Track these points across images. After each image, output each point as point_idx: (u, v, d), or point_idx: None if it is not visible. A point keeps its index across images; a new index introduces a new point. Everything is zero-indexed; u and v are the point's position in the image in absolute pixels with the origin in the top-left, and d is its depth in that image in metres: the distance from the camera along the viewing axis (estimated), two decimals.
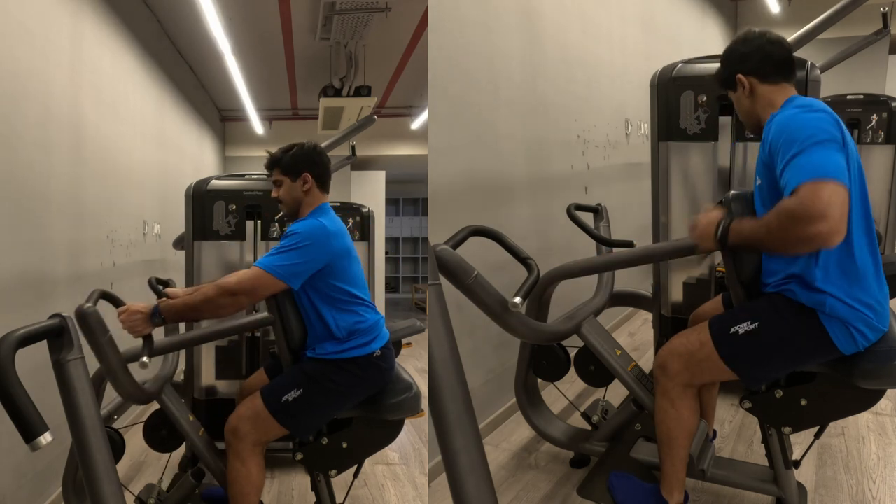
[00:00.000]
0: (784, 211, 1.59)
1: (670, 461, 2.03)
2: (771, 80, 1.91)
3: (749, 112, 1.97)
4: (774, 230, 1.62)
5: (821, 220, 1.52)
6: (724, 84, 2.02)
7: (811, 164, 1.59)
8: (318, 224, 2.11)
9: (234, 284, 1.99)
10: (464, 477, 1.54)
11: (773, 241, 1.65)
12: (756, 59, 1.92)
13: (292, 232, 2.09)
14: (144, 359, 1.99)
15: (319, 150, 2.26)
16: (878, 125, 4.08)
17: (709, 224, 1.81)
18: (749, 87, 1.93)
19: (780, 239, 1.62)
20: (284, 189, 2.22)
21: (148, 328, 2.01)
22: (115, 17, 3.99)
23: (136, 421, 2.72)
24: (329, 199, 2.28)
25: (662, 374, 2.00)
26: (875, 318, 1.77)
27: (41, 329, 1.62)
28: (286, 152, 2.22)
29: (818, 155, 1.61)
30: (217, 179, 3.11)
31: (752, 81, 1.92)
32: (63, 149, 3.18)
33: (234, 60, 5.44)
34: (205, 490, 2.52)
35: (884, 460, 2.71)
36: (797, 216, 1.55)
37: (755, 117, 1.95)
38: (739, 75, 1.93)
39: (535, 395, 2.75)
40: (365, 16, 4.55)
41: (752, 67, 1.92)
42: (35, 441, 1.42)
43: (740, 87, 1.94)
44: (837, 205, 1.54)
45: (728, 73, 1.97)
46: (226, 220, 3.05)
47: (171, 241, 4.25)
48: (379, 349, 2.18)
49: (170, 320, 2.02)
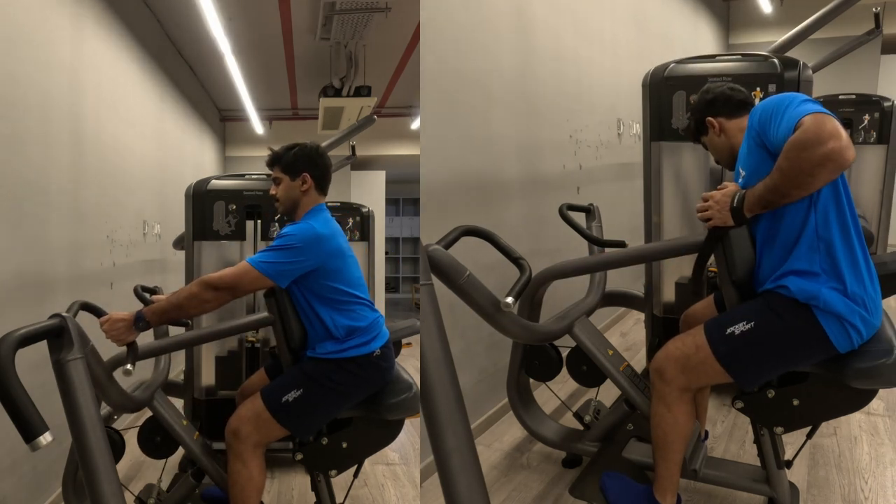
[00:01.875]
0: (793, 144, 1.65)
1: (665, 464, 2.04)
2: (736, 116, 2.13)
3: (722, 147, 2.17)
4: (788, 169, 1.68)
5: (831, 138, 1.59)
6: (697, 131, 2.24)
7: (806, 109, 1.68)
8: (309, 227, 2.13)
9: (216, 279, 2.02)
10: (456, 477, 1.55)
11: (790, 181, 1.70)
12: (721, 102, 2.15)
13: (284, 234, 2.11)
14: (129, 366, 1.97)
15: (321, 152, 2.28)
16: (871, 125, 4.10)
17: (724, 196, 1.86)
18: (718, 126, 2.14)
19: (796, 173, 1.67)
20: (283, 187, 2.23)
21: (132, 335, 2.00)
22: (115, 17, 4.00)
23: (135, 422, 2.74)
24: (328, 200, 2.30)
25: (659, 378, 2.01)
26: (867, 312, 1.79)
27: (41, 329, 1.62)
28: (288, 150, 2.23)
29: (810, 105, 1.70)
30: (217, 179, 3.13)
31: (720, 121, 2.14)
32: (63, 149, 3.20)
33: (234, 60, 5.44)
34: (205, 490, 2.54)
35: (876, 460, 2.72)
36: (807, 142, 1.62)
37: (728, 150, 2.14)
38: (709, 118, 2.15)
39: (528, 396, 2.76)
40: (365, 16, 4.56)
41: (718, 109, 2.15)
42: (35, 441, 1.43)
43: (711, 128, 2.16)
44: (842, 130, 1.61)
45: (698, 120, 2.20)
46: (226, 220, 3.06)
47: (171, 241, 4.27)
48: (379, 348, 2.20)
49: (154, 323, 2.02)
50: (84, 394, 1.65)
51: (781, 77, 2.69)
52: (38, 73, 2.92)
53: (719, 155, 2.21)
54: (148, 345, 2.29)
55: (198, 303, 2.01)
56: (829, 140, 1.58)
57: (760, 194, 1.77)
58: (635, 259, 2.43)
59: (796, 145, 1.64)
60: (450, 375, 1.65)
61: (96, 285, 3.60)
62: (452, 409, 1.61)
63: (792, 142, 1.65)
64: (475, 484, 1.57)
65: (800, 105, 1.71)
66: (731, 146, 2.13)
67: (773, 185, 1.73)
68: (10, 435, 1.46)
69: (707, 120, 2.16)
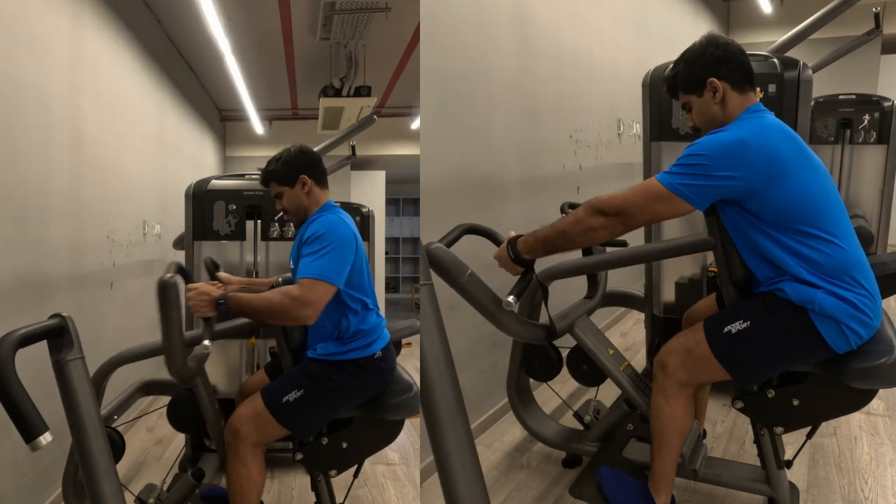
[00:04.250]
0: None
1: (661, 458, 2.04)
2: (742, 90, 1.86)
3: (712, 118, 1.89)
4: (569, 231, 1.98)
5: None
6: (688, 87, 1.91)
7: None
8: (338, 220, 2.13)
9: (300, 295, 1.97)
10: (456, 477, 1.56)
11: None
12: (732, 66, 1.86)
13: (318, 233, 2.07)
14: (206, 342, 1.96)
15: (306, 150, 2.27)
16: (871, 125, 4.10)
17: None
18: (722, 91, 1.85)
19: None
20: (287, 199, 2.24)
21: (212, 311, 2.00)
22: (115, 17, 4.00)
23: (133, 423, 2.73)
24: (330, 198, 2.29)
25: (661, 371, 2.02)
26: (866, 315, 1.77)
27: (41, 329, 1.63)
28: (275, 163, 2.23)
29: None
30: (217, 179, 3.13)
31: (725, 87, 1.85)
32: (63, 149, 3.20)
33: (234, 60, 5.44)
34: (205, 490, 2.54)
35: (876, 460, 2.72)
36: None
37: (716, 124, 1.87)
38: (713, 79, 1.86)
39: (527, 395, 2.76)
40: (365, 16, 4.56)
41: (726, 73, 1.85)
42: (35, 441, 1.43)
43: (710, 91, 1.87)
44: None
45: (697, 75, 1.88)
46: (226, 220, 3.07)
47: (171, 241, 4.28)
48: (380, 350, 2.20)
49: (232, 311, 2.02)
50: (84, 394, 1.65)
51: (781, 77, 2.69)
52: (38, 73, 2.93)
53: (704, 124, 1.91)
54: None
55: (279, 318, 2.05)
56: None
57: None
58: (635, 259, 2.43)
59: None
60: (450, 375, 1.65)
61: (96, 285, 3.60)
62: (452, 409, 1.61)
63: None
64: (475, 484, 1.57)
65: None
66: (721, 121, 1.86)
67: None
68: (11, 435, 1.46)
69: (710, 80, 1.86)
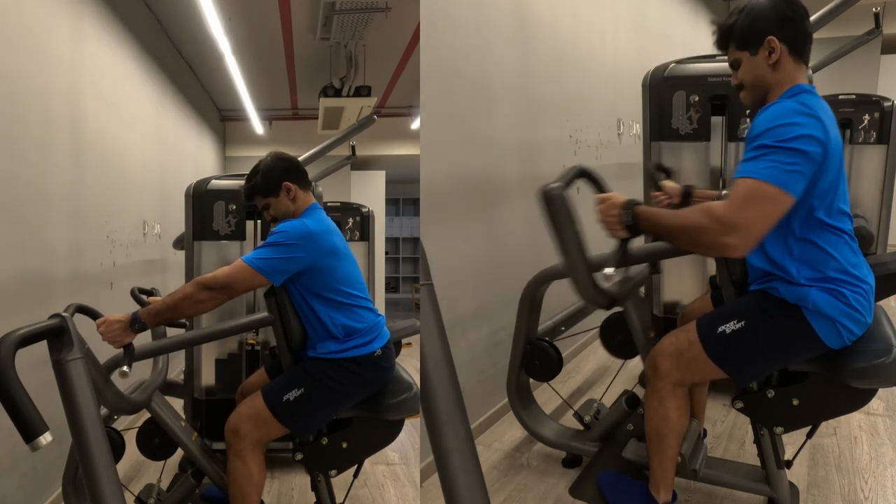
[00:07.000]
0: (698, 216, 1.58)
1: (658, 459, 2.05)
2: (798, 57, 1.71)
3: (761, 83, 1.73)
4: (680, 233, 1.63)
5: (732, 231, 1.52)
6: (742, 40, 1.73)
7: (747, 170, 1.57)
8: (302, 224, 2.14)
9: (210, 279, 2.01)
10: (456, 477, 1.55)
11: (679, 241, 1.66)
12: (798, 29, 1.69)
13: (277, 231, 2.12)
14: (125, 368, 1.96)
15: (282, 156, 2.29)
16: (871, 125, 4.09)
17: (611, 206, 1.76)
18: (779, 53, 1.68)
19: (685, 242, 1.64)
20: (274, 208, 2.25)
21: (128, 337, 1.99)
22: (115, 17, 4.00)
23: (135, 423, 2.74)
24: (328, 200, 2.30)
25: (653, 373, 2.01)
26: (858, 313, 1.76)
27: (41, 329, 1.63)
28: (256, 176, 2.24)
29: (759, 162, 1.56)
30: (217, 179, 3.13)
31: (783, 50, 1.68)
32: (63, 149, 3.20)
33: (234, 60, 5.45)
34: (205, 490, 2.54)
35: (876, 460, 2.72)
36: (707, 229, 1.55)
37: (763, 91, 1.74)
38: (773, 37, 1.68)
39: (527, 395, 2.76)
40: (365, 16, 4.56)
41: (790, 36, 1.68)
42: (35, 441, 1.43)
43: (765, 51, 1.69)
44: (753, 213, 1.52)
45: (756, 30, 1.69)
46: (226, 220, 3.07)
47: (171, 241, 4.28)
48: (380, 348, 2.20)
49: (151, 325, 2.01)
50: (84, 394, 1.65)
51: None
52: (38, 73, 2.93)
53: (755, 86, 1.75)
54: (146, 345, 2.27)
55: (192, 303, 2.00)
56: (728, 234, 1.51)
57: (654, 226, 1.69)
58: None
59: (696, 225, 1.56)
60: (450, 375, 1.65)
61: (96, 285, 3.60)
62: (452, 409, 1.61)
63: (701, 211, 1.56)
64: (475, 484, 1.57)
65: (755, 151, 1.57)
66: (767, 89, 1.72)
67: (667, 230, 1.67)
68: (11, 435, 1.46)
69: (770, 38, 1.67)
